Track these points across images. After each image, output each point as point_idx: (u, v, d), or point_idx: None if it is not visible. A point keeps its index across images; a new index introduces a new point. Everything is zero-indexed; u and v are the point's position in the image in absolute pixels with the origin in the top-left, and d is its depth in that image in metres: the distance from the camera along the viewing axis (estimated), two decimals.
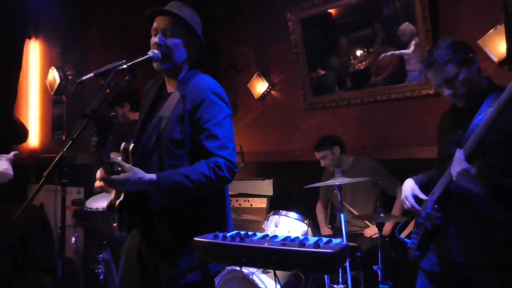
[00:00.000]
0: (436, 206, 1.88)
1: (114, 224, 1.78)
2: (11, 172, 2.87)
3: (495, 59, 3.02)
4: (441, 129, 2.08)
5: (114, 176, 1.61)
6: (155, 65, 1.84)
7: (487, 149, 1.76)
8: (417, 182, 2.03)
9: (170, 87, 1.91)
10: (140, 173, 1.64)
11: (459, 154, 1.71)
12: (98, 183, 1.75)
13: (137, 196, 1.73)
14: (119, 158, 1.77)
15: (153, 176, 1.65)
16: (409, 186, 2.02)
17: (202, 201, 1.77)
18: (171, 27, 1.82)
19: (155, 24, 1.85)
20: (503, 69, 2.98)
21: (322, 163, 3.48)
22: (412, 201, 1.98)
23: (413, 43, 3.42)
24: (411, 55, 3.43)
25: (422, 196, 1.97)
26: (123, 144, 1.77)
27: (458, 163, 1.70)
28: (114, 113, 1.64)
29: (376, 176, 3.32)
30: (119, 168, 1.63)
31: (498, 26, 2.97)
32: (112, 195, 1.78)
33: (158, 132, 1.77)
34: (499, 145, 1.77)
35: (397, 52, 3.51)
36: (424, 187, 2.00)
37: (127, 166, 1.64)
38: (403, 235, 2.12)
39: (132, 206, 1.76)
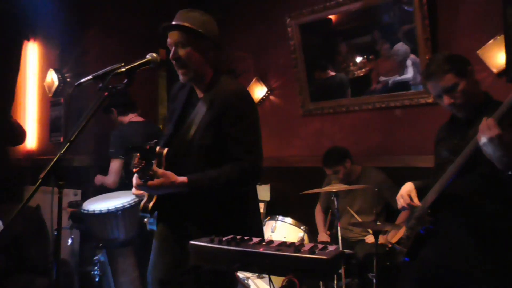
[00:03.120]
0: (429, 211, 1.89)
1: (145, 220, 1.89)
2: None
3: (494, 70, 3.03)
4: (438, 139, 2.12)
5: (149, 182, 1.70)
6: (181, 78, 1.90)
7: (481, 158, 1.75)
8: (416, 186, 2.05)
9: (200, 91, 1.96)
10: (172, 177, 1.74)
11: (488, 120, 1.65)
12: (135, 191, 1.83)
13: (168, 199, 1.83)
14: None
15: (184, 179, 1.75)
16: (407, 188, 2.05)
17: (228, 203, 1.85)
18: (180, 38, 1.86)
19: (168, 40, 1.90)
20: (501, 80, 2.99)
21: (334, 178, 3.31)
22: (408, 200, 2.00)
23: (409, 63, 3.44)
24: (411, 77, 3.46)
25: (415, 199, 1.98)
26: (157, 149, 1.85)
27: (488, 129, 1.64)
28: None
29: (383, 188, 3.30)
30: (151, 173, 1.70)
31: (498, 37, 2.99)
32: (145, 197, 1.88)
33: (189, 137, 1.84)
34: None
35: (399, 78, 3.53)
36: (421, 193, 2.01)
37: (160, 171, 1.73)
38: (393, 240, 2.13)
39: (164, 207, 1.87)
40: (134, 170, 1.71)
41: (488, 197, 1.75)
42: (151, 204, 1.83)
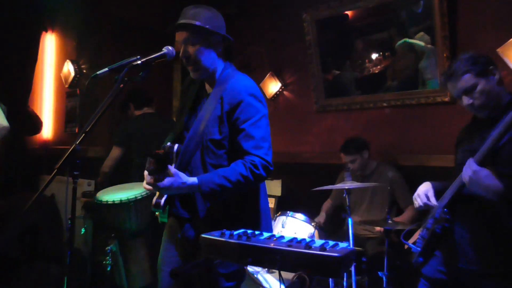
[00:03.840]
0: (445, 209, 1.88)
1: (157, 213, 1.90)
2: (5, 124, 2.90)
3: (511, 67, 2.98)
4: (459, 141, 2.10)
5: (159, 183, 1.70)
6: (192, 74, 1.92)
7: (500, 158, 1.76)
8: (434, 186, 2.03)
9: (209, 86, 1.97)
10: (183, 177, 1.73)
11: (469, 160, 1.75)
12: (146, 186, 1.82)
13: (179, 196, 1.86)
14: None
15: (194, 179, 1.74)
16: (424, 187, 2.04)
17: (238, 199, 1.86)
18: (188, 36, 1.86)
19: (176, 39, 1.91)
20: None
21: (350, 166, 3.37)
22: (424, 199, 1.98)
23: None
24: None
25: (432, 199, 1.97)
26: (168, 145, 1.86)
27: (468, 167, 1.74)
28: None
29: (395, 186, 3.30)
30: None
31: None
32: (157, 194, 1.89)
33: (199, 133, 1.84)
34: None
35: None
36: (439, 194, 2.00)
37: (172, 171, 1.72)
38: (410, 241, 2.11)
39: (175, 203, 1.88)
40: (147, 174, 1.74)
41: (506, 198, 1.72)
42: (162, 200, 1.84)
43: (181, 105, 2.10)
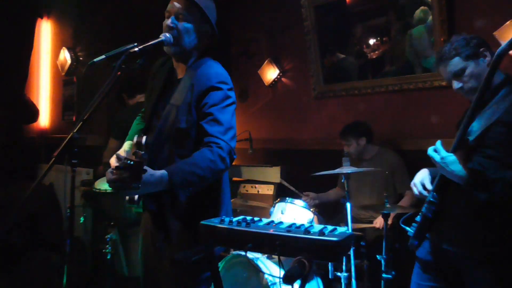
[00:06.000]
0: (434, 193, 1.89)
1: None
2: None
3: (511, 52, 2.97)
4: (458, 124, 2.09)
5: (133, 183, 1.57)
6: (165, 48, 1.84)
7: (489, 140, 1.76)
8: (431, 173, 2.04)
9: (180, 71, 1.92)
10: (149, 170, 1.60)
11: (438, 144, 1.77)
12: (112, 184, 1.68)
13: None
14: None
15: (163, 171, 1.64)
16: (421, 175, 2.04)
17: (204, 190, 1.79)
18: (184, 11, 1.81)
19: (169, 6, 1.85)
20: None
21: (345, 148, 3.45)
22: (420, 187, 1.99)
23: None
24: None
25: (428, 185, 1.98)
26: (135, 138, 1.76)
27: (437, 153, 1.77)
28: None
29: (395, 170, 3.31)
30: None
31: None
32: None
33: (169, 122, 1.80)
34: (501, 137, 1.76)
35: None
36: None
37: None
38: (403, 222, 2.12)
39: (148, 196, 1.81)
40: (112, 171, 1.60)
41: (494, 180, 1.72)
42: (137, 196, 1.77)
43: (150, 88, 2.02)
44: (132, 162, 1.49)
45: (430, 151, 1.82)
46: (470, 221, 1.84)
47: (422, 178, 2.02)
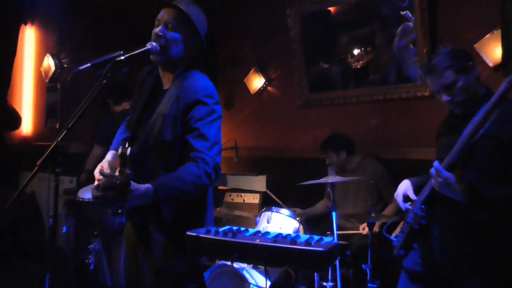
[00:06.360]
0: (423, 206, 1.90)
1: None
2: None
3: (490, 64, 3.04)
4: (438, 133, 2.12)
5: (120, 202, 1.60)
6: (152, 57, 1.83)
7: (476, 153, 1.79)
8: (413, 183, 2.05)
9: (166, 81, 1.91)
10: (134, 184, 1.60)
11: (436, 165, 1.75)
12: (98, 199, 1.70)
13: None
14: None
15: (148, 185, 1.63)
16: (403, 186, 2.05)
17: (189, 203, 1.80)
18: (174, 21, 1.81)
19: (159, 15, 1.85)
20: (497, 74, 2.99)
21: (327, 161, 3.45)
22: (400, 199, 2.01)
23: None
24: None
25: (412, 196, 2.00)
26: (120, 149, 1.73)
27: (437, 174, 1.73)
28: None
29: (379, 180, 3.33)
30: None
31: (495, 31, 2.99)
32: None
33: (154, 133, 1.78)
34: (489, 151, 1.79)
35: None
36: (420, 189, 2.02)
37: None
38: (392, 234, 2.14)
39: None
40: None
41: (479, 194, 1.75)
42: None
43: (136, 96, 2.00)
44: (118, 182, 1.51)
45: (432, 171, 1.79)
46: (460, 233, 1.85)
47: (405, 189, 2.03)
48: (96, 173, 1.74)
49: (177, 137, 1.78)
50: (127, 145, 1.72)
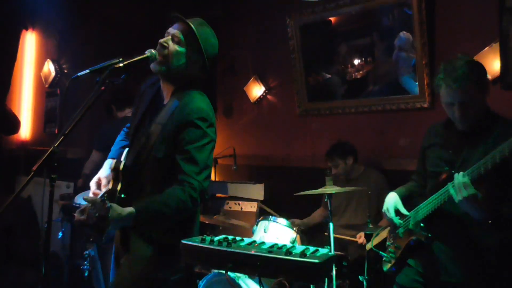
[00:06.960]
0: (422, 224, 1.87)
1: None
2: None
3: (489, 77, 3.03)
4: (429, 143, 2.04)
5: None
6: (151, 66, 1.84)
7: (500, 172, 1.69)
8: (400, 195, 2.03)
9: (166, 94, 1.92)
10: (118, 209, 1.64)
11: (463, 179, 1.66)
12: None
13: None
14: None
15: (131, 209, 1.66)
16: (392, 200, 2.02)
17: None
18: (181, 35, 1.84)
19: (170, 28, 1.88)
20: (495, 87, 2.99)
21: (333, 170, 3.42)
22: (393, 215, 1.99)
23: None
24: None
25: (404, 211, 1.97)
26: (113, 163, 1.78)
27: (464, 188, 1.65)
28: (108, 204, 1.63)
29: (381, 191, 3.31)
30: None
31: (493, 44, 3.00)
32: None
33: (147, 148, 1.80)
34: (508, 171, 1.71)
35: None
36: (406, 200, 2.00)
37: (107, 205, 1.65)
38: (374, 243, 2.12)
39: None
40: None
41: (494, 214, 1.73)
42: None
43: (135, 108, 2.03)
44: (97, 214, 1.59)
45: (450, 188, 1.72)
46: (471, 255, 1.81)
47: (394, 203, 2.00)
48: (92, 184, 1.82)
49: (168, 155, 1.79)
50: (122, 159, 1.74)
